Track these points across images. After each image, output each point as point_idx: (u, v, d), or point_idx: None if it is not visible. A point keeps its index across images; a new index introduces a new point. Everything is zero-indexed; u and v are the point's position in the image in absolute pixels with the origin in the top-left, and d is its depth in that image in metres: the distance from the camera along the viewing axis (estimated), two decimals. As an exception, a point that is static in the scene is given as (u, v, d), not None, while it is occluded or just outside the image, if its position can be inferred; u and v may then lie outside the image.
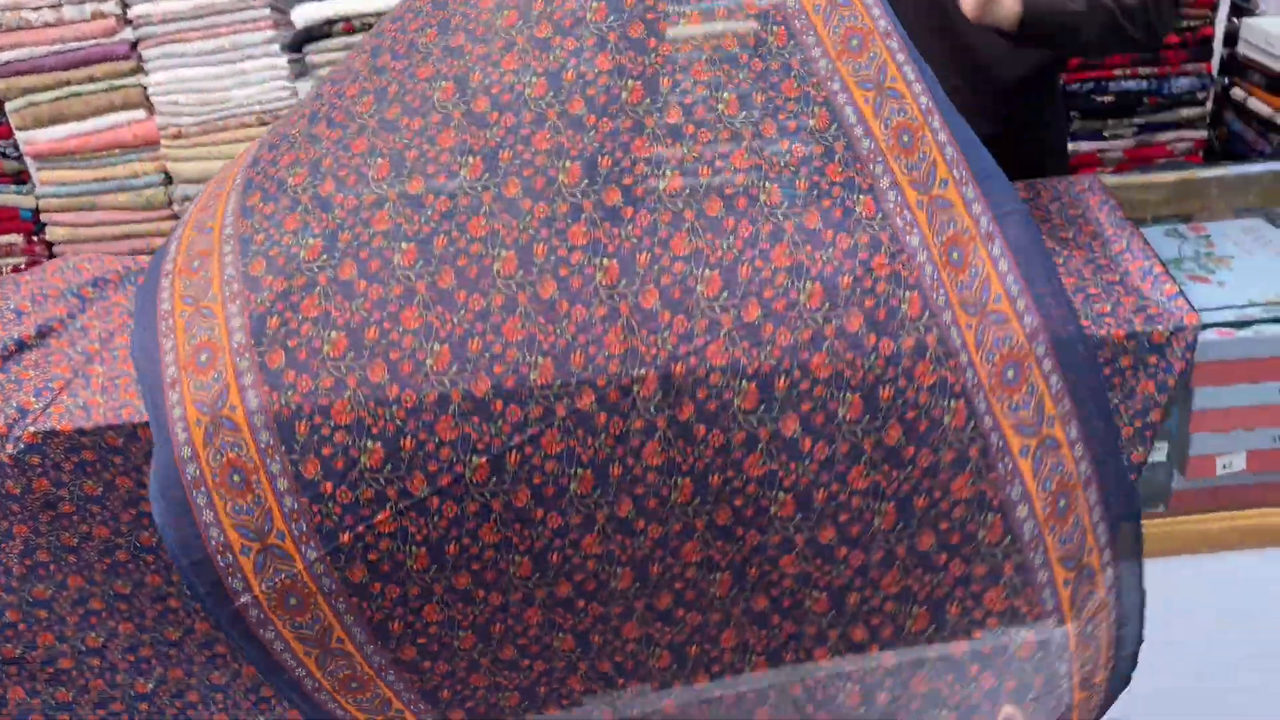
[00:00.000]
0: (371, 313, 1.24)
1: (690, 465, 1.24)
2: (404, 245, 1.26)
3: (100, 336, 1.63)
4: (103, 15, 2.53)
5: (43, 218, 2.74)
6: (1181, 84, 2.62)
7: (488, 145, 1.29)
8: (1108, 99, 2.60)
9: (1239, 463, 1.54)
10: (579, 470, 1.23)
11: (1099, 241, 1.63)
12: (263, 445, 1.22)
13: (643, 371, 1.20)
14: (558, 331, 1.22)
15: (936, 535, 1.28)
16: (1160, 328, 1.38)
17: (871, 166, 1.29)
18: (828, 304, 1.23)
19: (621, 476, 1.24)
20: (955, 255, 1.26)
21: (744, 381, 1.21)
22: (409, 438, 1.21)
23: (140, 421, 1.37)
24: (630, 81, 1.29)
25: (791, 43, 1.33)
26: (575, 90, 1.28)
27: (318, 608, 1.27)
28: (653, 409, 1.22)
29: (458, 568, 1.29)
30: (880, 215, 1.27)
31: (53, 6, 2.53)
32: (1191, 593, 1.60)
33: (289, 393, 1.22)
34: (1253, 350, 1.45)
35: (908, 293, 1.24)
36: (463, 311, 1.23)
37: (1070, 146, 2.67)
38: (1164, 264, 1.51)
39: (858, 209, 1.27)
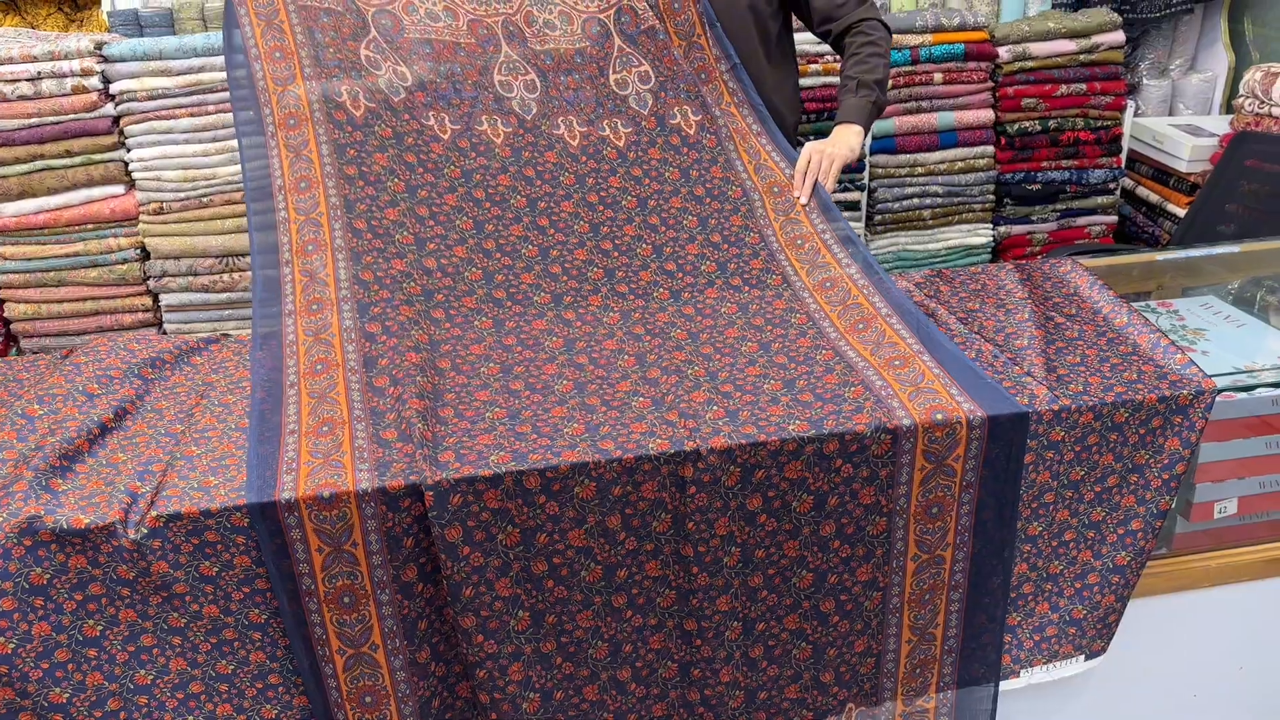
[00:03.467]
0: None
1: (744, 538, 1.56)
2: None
3: (179, 416, 1.62)
4: (84, 90, 2.49)
5: (2, 294, 2.63)
6: (1097, 175, 2.96)
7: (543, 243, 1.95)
8: (1035, 187, 2.92)
9: (1232, 507, 1.78)
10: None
11: (1100, 317, 1.86)
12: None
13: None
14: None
15: (836, 601, 1.61)
16: (1185, 392, 1.61)
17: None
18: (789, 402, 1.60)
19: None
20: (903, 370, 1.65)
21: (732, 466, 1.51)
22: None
23: (268, 501, 1.39)
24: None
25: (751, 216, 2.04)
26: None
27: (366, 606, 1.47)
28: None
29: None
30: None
31: (31, 80, 2.47)
32: (1196, 622, 1.83)
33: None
34: (1249, 410, 1.70)
35: (867, 403, 1.57)
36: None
37: (1002, 229, 2.98)
38: (1168, 336, 1.75)
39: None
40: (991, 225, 2.96)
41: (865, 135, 2.18)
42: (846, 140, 2.10)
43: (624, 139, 2.09)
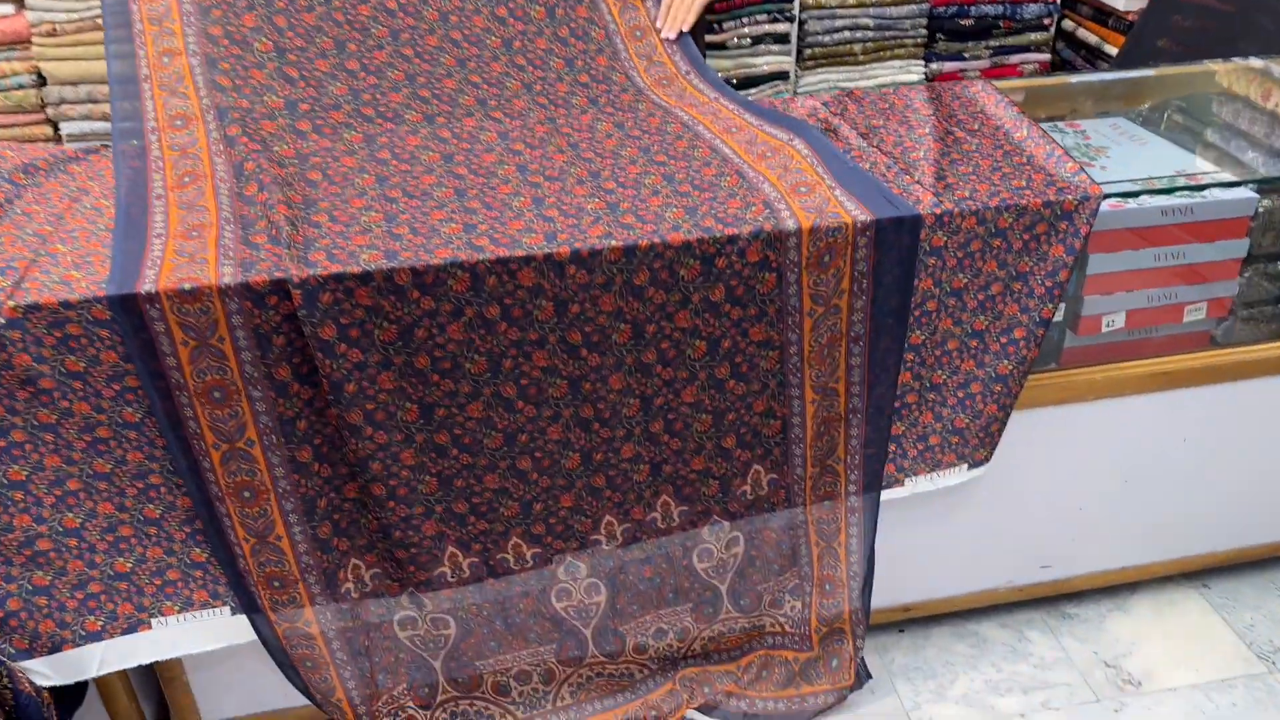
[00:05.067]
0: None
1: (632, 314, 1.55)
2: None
3: (49, 219, 1.58)
4: (-36, -102, 2.36)
5: (-107, 120, 2.53)
6: (1032, 10, 2.90)
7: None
8: (968, 22, 2.86)
9: (1120, 321, 1.79)
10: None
11: (1001, 132, 1.84)
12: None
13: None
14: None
15: (731, 365, 1.61)
16: (1070, 197, 1.60)
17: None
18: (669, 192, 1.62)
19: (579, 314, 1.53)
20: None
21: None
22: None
23: (129, 293, 1.36)
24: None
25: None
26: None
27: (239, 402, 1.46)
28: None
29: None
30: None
31: (-96, -115, 2.33)
32: (1082, 436, 1.87)
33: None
34: (1139, 220, 1.70)
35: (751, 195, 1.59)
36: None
37: (934, 66, 2.92)
38: (1062, 148, 1.73)
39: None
40: (924, 62, 2.90)
41: None
42: None
43: None
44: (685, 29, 2.10)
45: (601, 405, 1.59)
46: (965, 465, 1.77)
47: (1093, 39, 3.19)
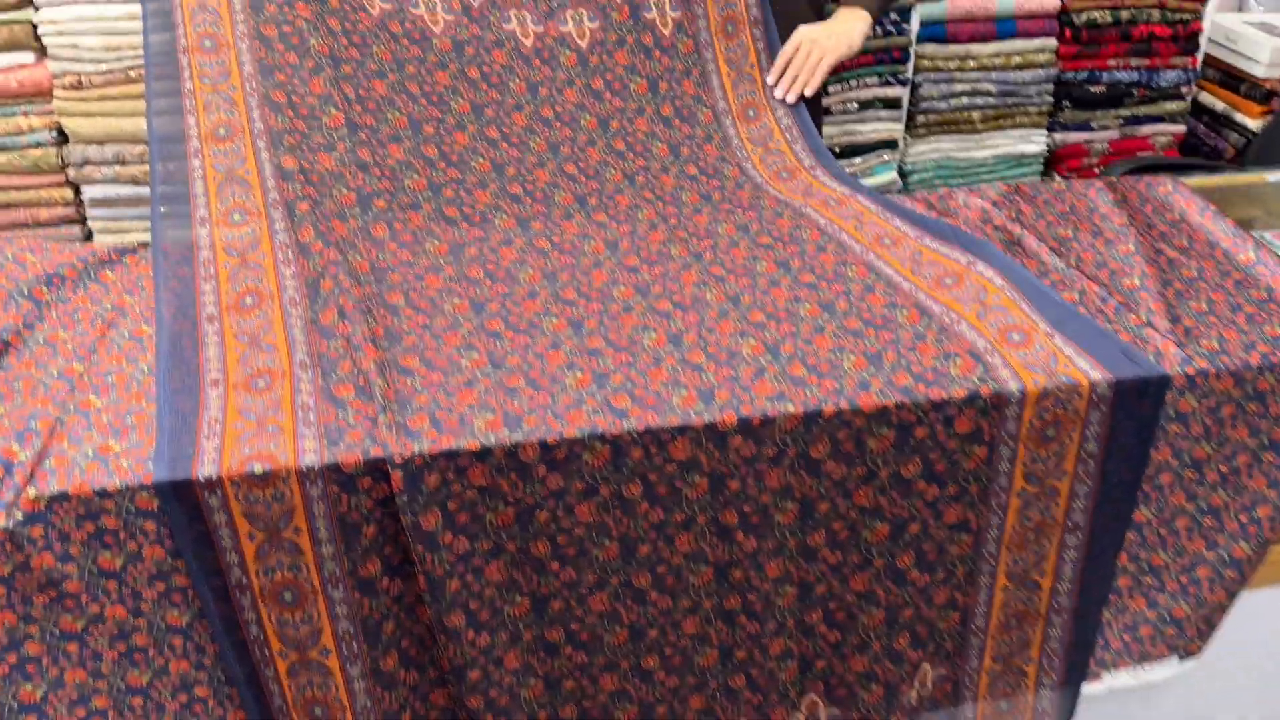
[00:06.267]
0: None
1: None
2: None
3: (79, 352, 1.27)
4: (-19, -66, 2.06)
5: (-106, 181, 2.23)
6: (1169, 76, 2.60)
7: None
8: (1100, 89, 2.55)
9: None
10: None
11: (1220, 251, 1.54)
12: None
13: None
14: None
15: (917, 553, 1.31)
16: (1349, 356, 1.29)
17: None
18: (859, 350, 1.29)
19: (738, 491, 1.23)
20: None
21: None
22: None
23: (183, 479, 1.05)
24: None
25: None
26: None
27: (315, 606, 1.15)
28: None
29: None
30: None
31: (-87, -82, 2.03)
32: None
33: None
34: None
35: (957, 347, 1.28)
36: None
37: (1058, 136, 2.63)
38: (1311, 279, 1.43)
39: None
40: (1046, 131, 2.61)
41: (873, 24, 1.88)
42: (846, 33, 1.82)
43: (588, 37, 1.75)
44: (809, 92, 1.80)
45: (752, 596, 1.28)
46: (1176, 657, 1.46)
47: (1220, 106, 2.90)
